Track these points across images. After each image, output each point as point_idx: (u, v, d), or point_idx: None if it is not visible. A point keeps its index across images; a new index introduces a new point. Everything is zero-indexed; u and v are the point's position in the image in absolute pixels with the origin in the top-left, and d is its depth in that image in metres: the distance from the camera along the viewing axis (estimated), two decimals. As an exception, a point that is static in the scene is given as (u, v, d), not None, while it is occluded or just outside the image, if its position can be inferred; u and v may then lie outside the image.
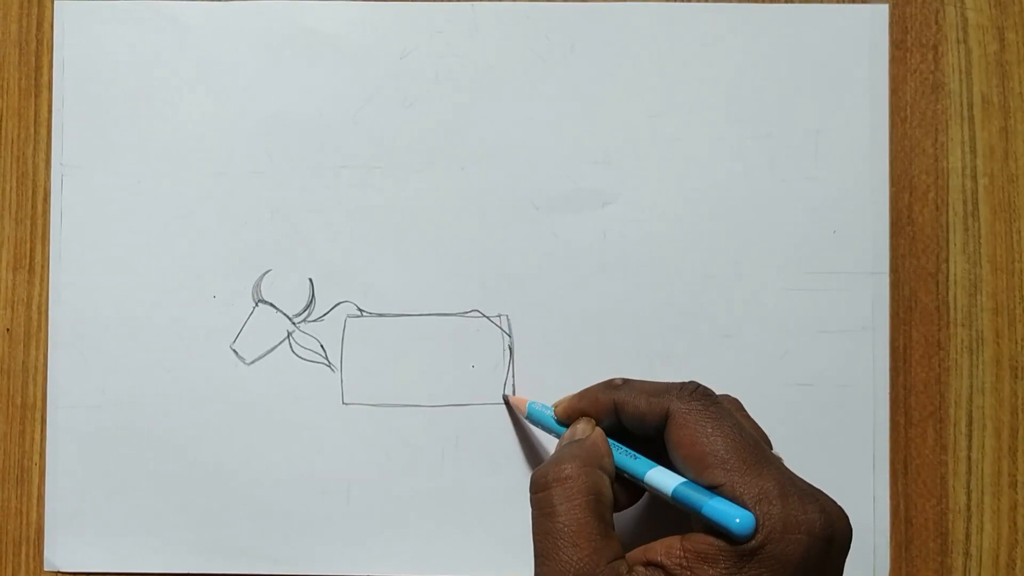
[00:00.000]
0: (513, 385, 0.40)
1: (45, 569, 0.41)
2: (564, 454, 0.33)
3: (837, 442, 0.40)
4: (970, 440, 0.40)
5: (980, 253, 0.41)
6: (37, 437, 0.41)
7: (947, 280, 0.41)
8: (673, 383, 0.34)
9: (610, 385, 0.35)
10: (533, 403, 0.38)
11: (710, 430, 0.31)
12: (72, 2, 0.41)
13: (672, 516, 0.34)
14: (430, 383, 0.40)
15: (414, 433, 0.40)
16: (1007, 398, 0.40)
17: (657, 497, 0.32)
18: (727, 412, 0.32)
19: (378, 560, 0.40)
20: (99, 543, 0.40)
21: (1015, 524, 0.40)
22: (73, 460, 0.41)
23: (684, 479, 0.32)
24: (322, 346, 0.41)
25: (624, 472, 0.33)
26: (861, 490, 0.40)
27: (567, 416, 0.36)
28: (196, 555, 0.40)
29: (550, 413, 0.37)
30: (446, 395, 0.40)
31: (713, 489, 0.30)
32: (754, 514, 0.29)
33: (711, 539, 0.29)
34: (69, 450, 0.41)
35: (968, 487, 0.40)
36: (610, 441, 0.34)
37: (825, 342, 0.40)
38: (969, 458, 0.40)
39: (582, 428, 0.35)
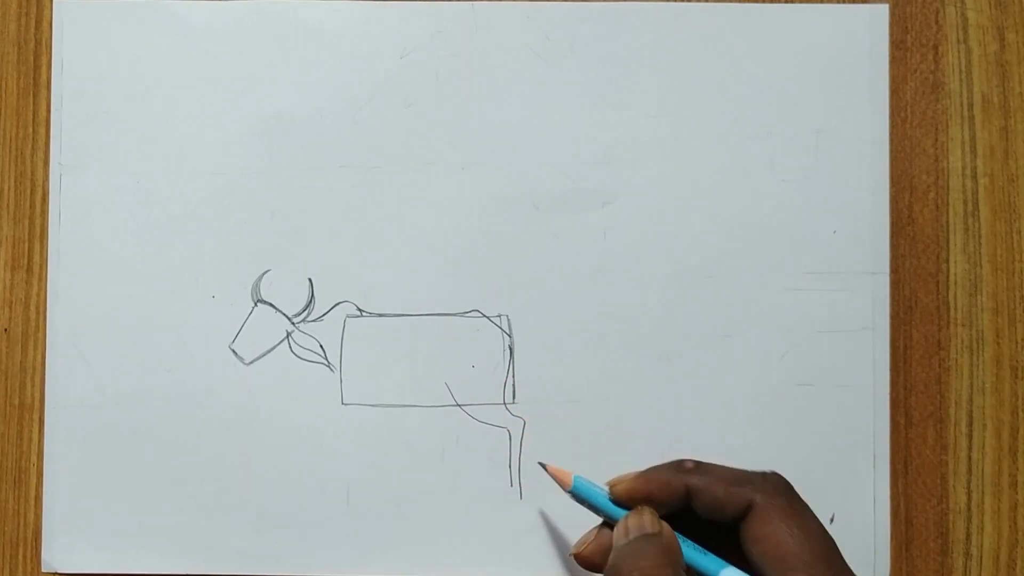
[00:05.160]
0: (513, 385, 0.40)
1: (43, 570, 0.40)
2: (647, 551, 0.31)
3: (837, 442, 0.40)
4: (970, 440, 0.40)
5: (980, 253, 0.41)
6: (35, 438, 0.41)
7: (947, 280, 0.41)
8: (752, 472, 0.33)
9: (681, 468, 0.34)
10: (579, 478, 0.35)
11: (795, 530, 0.31)
12: (71, 1, 0.41)
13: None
14: (430, 383, 0.40)
15: (414, 433, 0.40)
16: (1007, 398, 0.40)
17: None
18: (809, 511, 0.32)
19: (378, 560, 0.40)
20: (97, 544, 0.40)
21: (1016, 524, 0.40)
22: (71, 461, 0.40)
23: None
24: (321, 346, 0.41)
25: (691, 568, 0.32)
26: (861, 490, 0.40)
27: (628, 498, 0.34)
28: (194, 556, 0.40)
29: (603, 492, 0.34)
30: (446, 395, 0.40)
31: None
32: None
33: None
34: (67, 451, 0.40)
35: (968, 487, 0.40)
36: (676, 533, 0.33)
37: (825, 342, 0.40)
38: (969, 458, 0.40)
39: (650, 520, 0.33)
